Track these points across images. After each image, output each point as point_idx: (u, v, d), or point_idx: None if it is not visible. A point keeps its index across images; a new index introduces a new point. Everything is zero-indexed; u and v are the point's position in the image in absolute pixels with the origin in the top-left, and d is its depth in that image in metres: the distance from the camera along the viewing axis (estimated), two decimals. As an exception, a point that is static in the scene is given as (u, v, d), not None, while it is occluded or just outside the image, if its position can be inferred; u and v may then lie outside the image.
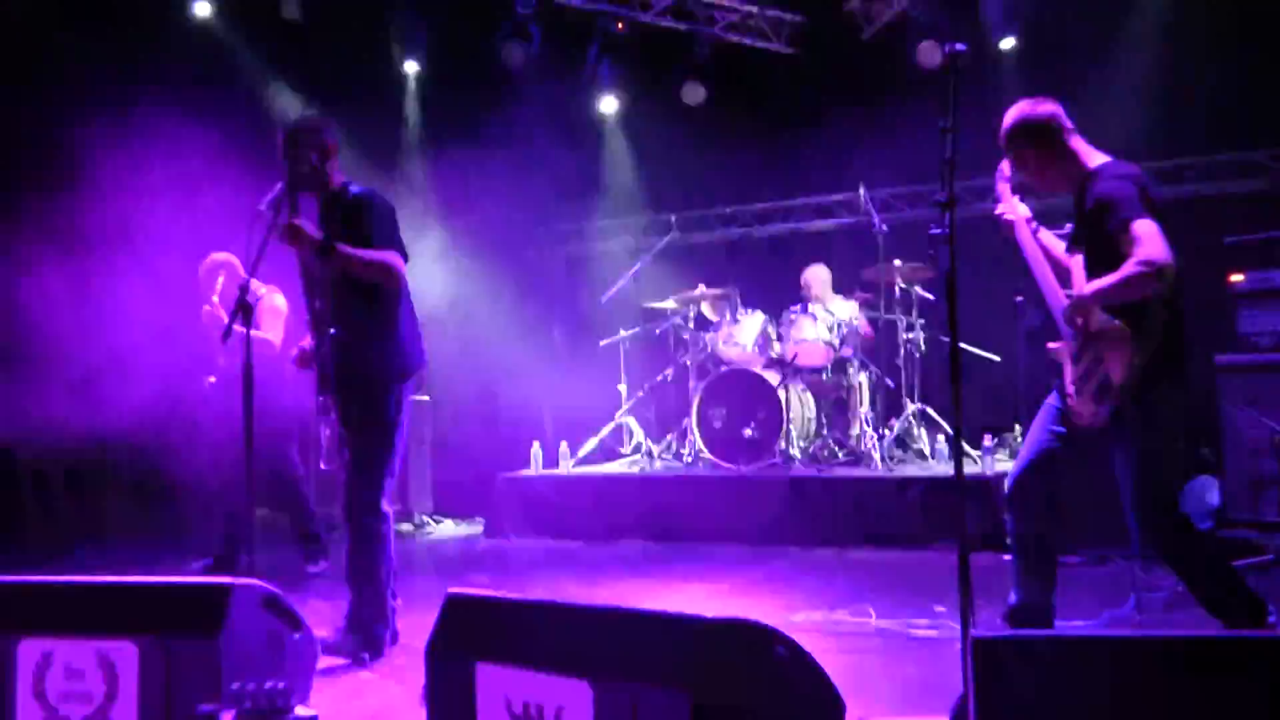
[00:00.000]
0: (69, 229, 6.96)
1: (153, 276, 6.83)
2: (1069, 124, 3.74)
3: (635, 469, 7.77)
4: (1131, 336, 3.49)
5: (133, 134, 6.73)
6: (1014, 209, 3.86)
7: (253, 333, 5.65)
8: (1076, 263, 3.74)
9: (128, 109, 6.93)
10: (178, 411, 6.65)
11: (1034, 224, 3.88)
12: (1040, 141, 3.72)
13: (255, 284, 6.06)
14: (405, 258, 4.21)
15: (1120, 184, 3.52)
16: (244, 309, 3.76)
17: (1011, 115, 3.76)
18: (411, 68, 8.91)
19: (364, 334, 4.20)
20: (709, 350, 7.88)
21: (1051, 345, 3.76)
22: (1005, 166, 3.88)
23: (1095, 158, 3.69)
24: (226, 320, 5.65)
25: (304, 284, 4.37)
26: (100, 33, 7.20)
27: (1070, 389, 3.65)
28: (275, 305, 5.98)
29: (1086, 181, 3.64)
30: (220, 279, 5.95)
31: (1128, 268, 3.38)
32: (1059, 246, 3.87)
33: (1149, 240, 3.38)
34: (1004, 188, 3.89)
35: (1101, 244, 3.54)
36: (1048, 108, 3.74)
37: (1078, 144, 3.73)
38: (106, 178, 6.79)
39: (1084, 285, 3.60)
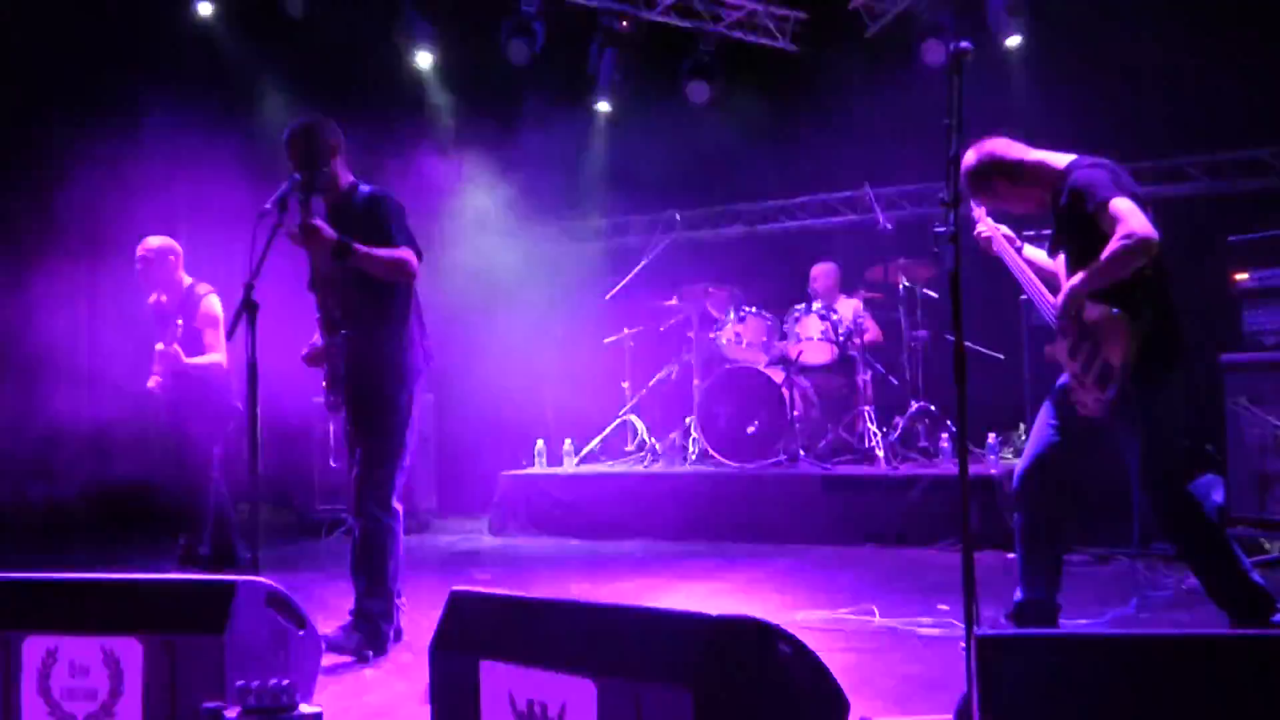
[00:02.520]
0: (49, 229, 6.92)
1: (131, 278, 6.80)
2: (1019, 144, 3.79)
3: (639, 467, 7.76)
4: (1126, 320, 3.50)
5: (120, 131, 6.71)
6: (992, 226, 3.94)
7: (196, 360, 5.64)
8: (1060, 263, 3.76)
9: (112, 108, 6.90)
10: (134, 412, 6.56)
11: (1017, 242, 3.95)
12: (1004, 170, 3.77)
13: (187, 280, 6.04)
14: (419, 254, 4.22)
15: (1092, 171, 3.57)
16: (249, 308, 3.74)
17: (968, 161, 3.77)
18: (414, 66, 8.90)
19: (375, 333, 4.21)
20: (713, 348, 7.87)
21: (1047, 348, 3.78)
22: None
23: (1062, 159, 3.73)
24: (177, 320, 5.65)
25: (313, 283, 4.36)
26: (92, 29, 7.16)
27: (1072, 384, 3.66)
28: (214, 312, 5.76)
29: (1060, 180, 3.68)
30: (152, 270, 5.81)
31: (1113, 245, 3.40)
32: (1043, 256, 3.90)
33: (1130, 215, 3.40)
34: (980, 212, 3.97)
35: (1082, 235, 3.56)
36: (997, 142, 3.78)
37: (1040, 154, 3.79)
38: (86, 177, 6.75)
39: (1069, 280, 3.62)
